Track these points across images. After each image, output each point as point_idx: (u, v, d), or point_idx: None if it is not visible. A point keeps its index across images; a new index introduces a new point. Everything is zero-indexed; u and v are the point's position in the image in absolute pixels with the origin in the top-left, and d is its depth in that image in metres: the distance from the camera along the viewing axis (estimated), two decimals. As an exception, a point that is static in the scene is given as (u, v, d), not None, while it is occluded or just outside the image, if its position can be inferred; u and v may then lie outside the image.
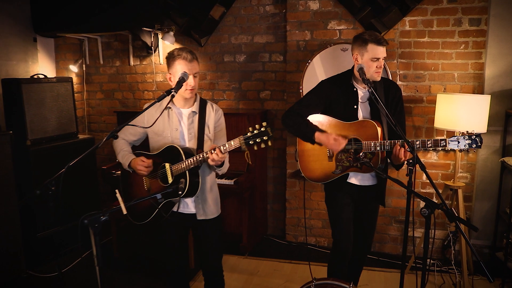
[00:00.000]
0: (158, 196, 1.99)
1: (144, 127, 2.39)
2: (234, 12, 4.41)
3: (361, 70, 2.47)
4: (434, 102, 3.79)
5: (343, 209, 2.71)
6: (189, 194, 2.41)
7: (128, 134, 2.66)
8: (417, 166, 2.21)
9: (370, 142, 2.55)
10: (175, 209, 2.51)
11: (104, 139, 2.07)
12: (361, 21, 3.85)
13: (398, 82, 3.88)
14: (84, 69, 5.07)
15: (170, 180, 2.43)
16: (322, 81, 2.80)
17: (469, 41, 3.69)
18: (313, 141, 2.63)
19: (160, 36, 4.59)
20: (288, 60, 4.19)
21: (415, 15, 3.76)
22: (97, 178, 4.55)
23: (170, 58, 2.43)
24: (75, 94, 5.01)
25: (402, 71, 3.88)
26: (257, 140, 2.13)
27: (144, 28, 4.46)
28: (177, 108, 2.53)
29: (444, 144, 2.42)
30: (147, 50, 4.75)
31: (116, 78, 5.00)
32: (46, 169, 3.87)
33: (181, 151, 2.38)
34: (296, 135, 2.80)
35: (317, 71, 3.83)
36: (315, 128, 2.67)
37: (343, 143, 2.54)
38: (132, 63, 4.88)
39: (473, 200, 3.85)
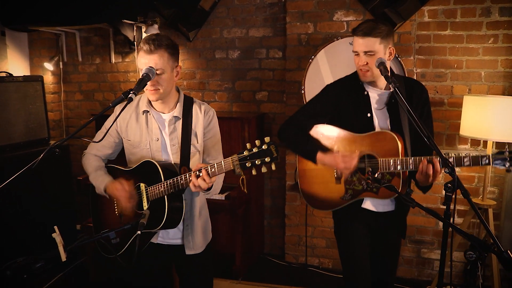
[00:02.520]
0: (111, 235, 1.46)
1: (94, 141, 1.82)
2: (227, 2, 3.90)
3: (382, 64, 1.94)
4: (456, 105, 3.28)
5: (359, 244, 2.19)
6: (167, 226, 1.88)
7: (100, 147, 2.11)
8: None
9: (388, 160, 2.03)
10: (154, 240, 2.00)
11: (42, 155, 1.57)
12: (372, 11, 3.33)
13: (415, 82, 3.36)
14: (61, 67, 4.55)
15: (145, 205, 1.91)
16: (327, 85, 2.30)
17: (499, 34, 3.16)
18: (315, 162, 2.12)
19: (143, 30, 4.07)
20: (288, 57, 3.67)
21: (435, 4, 3.24)
22: (73, 189, 4.04)
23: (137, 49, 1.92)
24: (52, 95, 4.54)
25: (420, 69, 3.35)
26: (256, 162, 1.62)
27: (125, 21, 3.94)
28: (156, 113, 2.00)
29: (487, 161, 1.90)
30: (129, 46, 4.23)
31: (96, 77, 4.48)
32: (11, 181, 3.35)
33: (160, 169, 1.86)
34: (295, 153, 2.29)
35: (321, 69, 3.31)
36: (318, 146, 2.16)
37: (355, 159, 2.02)
38: (113, 60, 4.37)
39: (502, 218, 3.32)
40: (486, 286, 3.21)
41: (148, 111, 1.98)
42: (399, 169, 2.02)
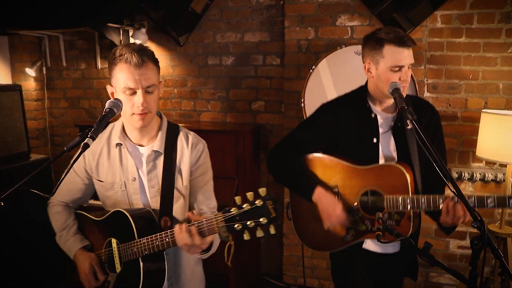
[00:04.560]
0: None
1: (46, 196, 1.48)
2: (220, 4, 3.59)
3: (397, 91, 1.65)
4: (471, 119, 3.00)
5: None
6: None
7: (66, 192, 1.74)
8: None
9: (396, 197, 1.75)
10: None
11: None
12: (379, 16, 3.03)
13: (426, 94, 3.07)
14: (44, 72, 4.25)
15: (118, 267, 1.58)
16: (323, 105, 1.97)
17: (520, 42, 2.87)
18: (310, 200, 1.85)
19: (130, 34, 3.77)
20: (286, 64, 3.38)
21: (449, 8, 2.94)
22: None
23: (110, 60, 1.54)
24: (35, 102, 4.26)
25: (431, 79, 3.06)
26: (248, 223, 1.28)
27: (110, 24, 3.64)
28: (131, 145, 1.64)
29: None
30: (116, 51, 3.93)
31: (82, 83, 4.18)
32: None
33: (134, 226, 1.52)
34: (286, 187, 2.01)
35: (323, 80, 3.01)
36: (314, 181, 1.87)
37: (341, 220, 1.79)
38: (99, 65, 4.07)
39: (520, 244, 3.05)
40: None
41: (122, 144, 1.63)
42: (409, 208, 1.75)
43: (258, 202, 1.29)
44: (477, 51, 2.94)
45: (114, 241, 1.59)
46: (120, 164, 1.64)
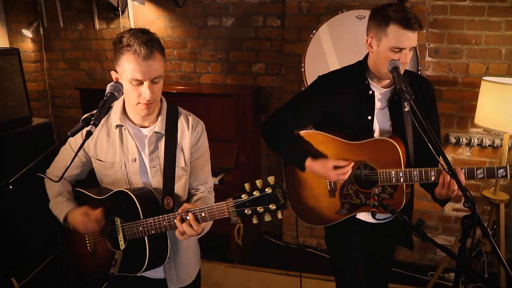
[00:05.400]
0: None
1: (53, 180, 1.43)
2: (219, -37, 3.48)
3: (396, 70, 1.64)
4: (471, 85, 2.99)
5: (353, 259, 2.00)
6: (151, 268, 1.64)
7: (63, 168, 1.65)
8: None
9: (389, 171, 1.79)
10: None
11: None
12: (382, -22, 2.95)
13: (427, 59, 3.04)
14: (41, 33, 4.19)
15: (122, 245, 1.64)
16: (321, 78, 1.95)
17: (526, 6, 2.80)
18: (302, 169, 1.89)
19: (127, -6, 3.68)
20: (287, 26, 3.32)
21: (455, -30, 2.86)
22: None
23: (116, 47, 1.51)
24: (33, 64, 4.23)
25: (433, 44, 3.01)
26: (258, 209, 1.36)
27: (106, -16, 3.55)
28: (132, 127, 1.65)
29: (505, 174, 1.68)
30: (114, 11, 3.86)
31: (80, 44, 4.13)
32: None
33: (139, 206, 1.56)
34: (280, 155, 2.04)
35: (324, 45, 2.97)
36: (307, 150, 1.91)
37: (347, 171, 1.82)
38: (97, 26, 4.00)
39: (513, 206, 3.14)
40: (490, 272, 3.09)
41: (123, 126, 1.64)
42: (402, 181, 1.80)
43: (267, 190, 1.35)
44: (481, 15, 2.88)
45: (117, 219, 1.63)
46: (121, 144, 1.66)
